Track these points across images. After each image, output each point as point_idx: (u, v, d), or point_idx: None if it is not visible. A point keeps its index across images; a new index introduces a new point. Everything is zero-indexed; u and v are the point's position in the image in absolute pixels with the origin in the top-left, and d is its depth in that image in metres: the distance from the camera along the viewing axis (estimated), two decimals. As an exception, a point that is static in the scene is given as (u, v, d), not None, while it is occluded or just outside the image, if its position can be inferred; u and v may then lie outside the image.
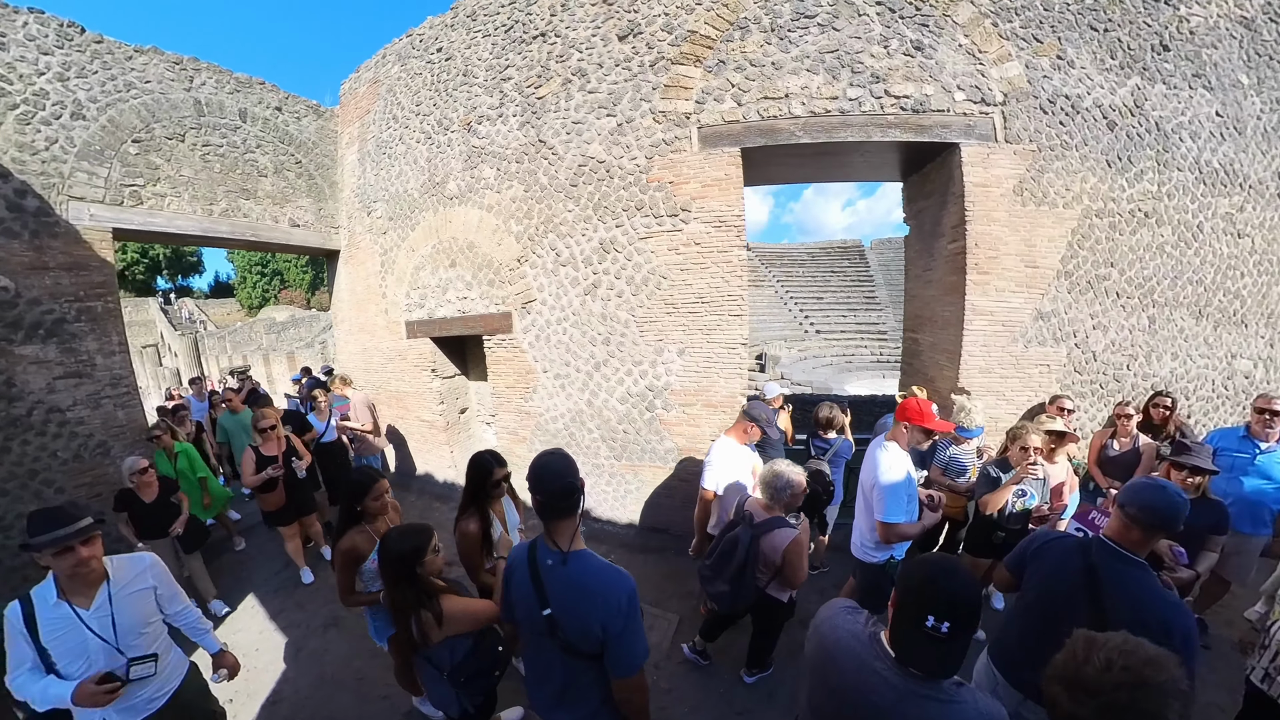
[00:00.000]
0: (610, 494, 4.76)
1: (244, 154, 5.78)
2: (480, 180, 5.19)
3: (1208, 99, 4.24)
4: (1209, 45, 4.19)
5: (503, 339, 5.07)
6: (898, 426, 2.61)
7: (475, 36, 5.24)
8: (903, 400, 2.97)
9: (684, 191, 3.98)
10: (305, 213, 6.57)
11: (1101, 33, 4.11)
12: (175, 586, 2.11)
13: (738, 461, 3.11)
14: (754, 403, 3.30)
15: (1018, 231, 3.95)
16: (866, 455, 2.76)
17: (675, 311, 4.05)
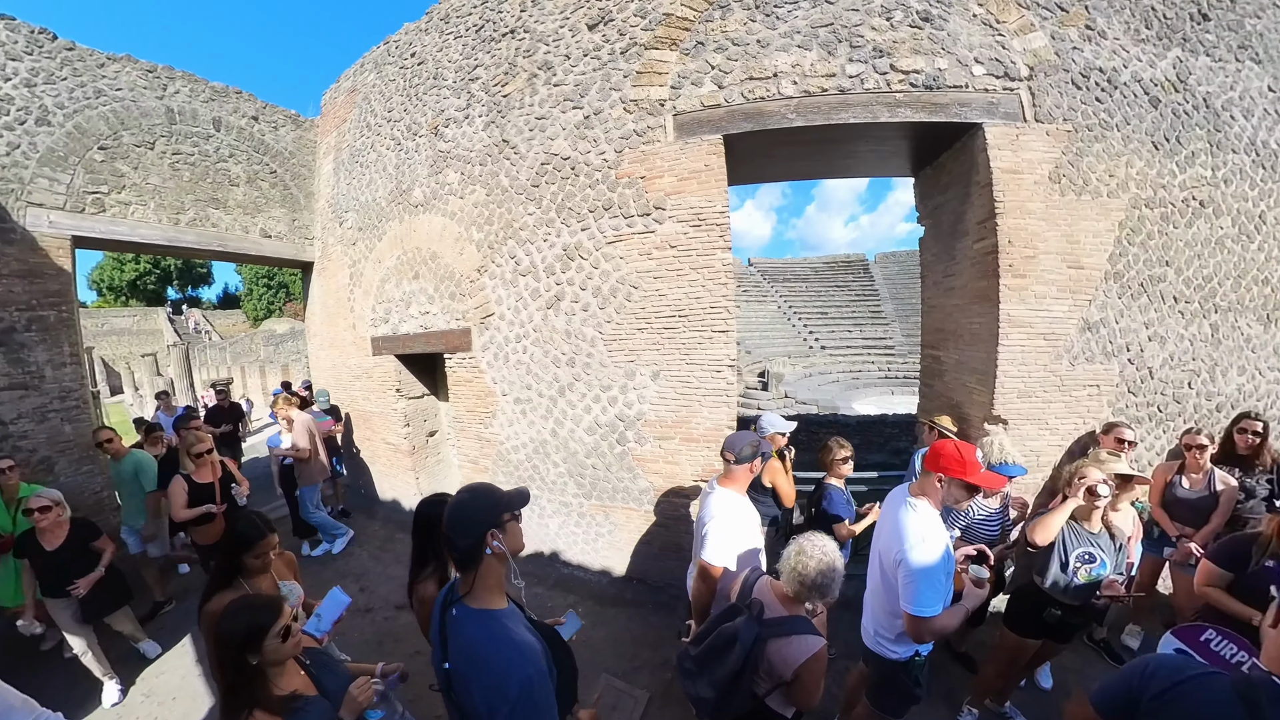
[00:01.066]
0: (580, 537, 4.00)
1: (216, 163, 5.54)
2: (445, 186, 4.63)
3: (1257, 72, 3.60)
4: (1251, 15, 3.60)
5: (462, 358, 4.41)
6: (928, 477, 1.82)
7: (447, 39, 4.79)
8: (933, 440, 2.20)
9: (657, 187, 3.31)
10: (278, 223, 6.17)
11: (1133, 0, 3.46)
12: None
13: (746, 521, 2.26)
14: (740, 434, 2.48)
15: (1057, 226, 3.18)
16: (885, 514, 1.98)
17: (648, 327, 3.33)
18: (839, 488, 2.84)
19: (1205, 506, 2.87)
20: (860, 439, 8.08)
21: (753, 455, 2.20)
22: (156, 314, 29.37)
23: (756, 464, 2.22)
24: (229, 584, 1.92)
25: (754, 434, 2.40)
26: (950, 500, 1.81)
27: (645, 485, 3.53)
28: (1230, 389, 3.60)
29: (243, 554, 1.92)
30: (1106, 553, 2.26)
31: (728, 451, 2.22)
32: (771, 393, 13.00)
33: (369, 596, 4.31)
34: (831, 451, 2.84)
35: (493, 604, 1.24)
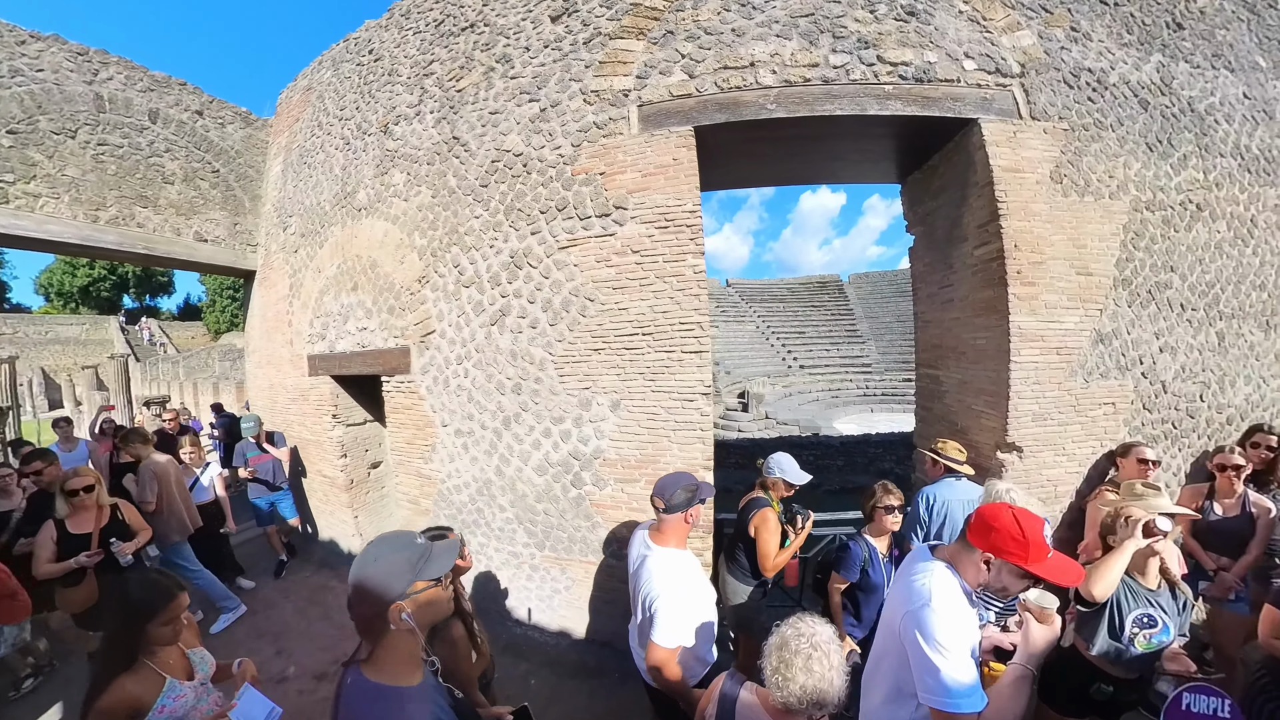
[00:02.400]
0: (533, 593, 3.29)
1: (149, 157, 4.91)
2: (389, 187, 4.03)
3: (1232, 80, 3.52)
4: (1220, 26, 3.55)
5: (401, 381, 3.73)
6: (968, 552, 1.27)
7: (406, 34, 4.32)
8: (937, 474, 1.68)
9: (619, 184, 2.77)
10: (217, 227, 5.50)
11: (1112, 7, 3.33)
12: None
13: (697, 590, 1.75)
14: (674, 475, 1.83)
15: (1063, 229, 2.79)
16: (899, 581, 1.42)
17: (606, 347, 2.73)
18: (873, 546, 2.14)
19: (1240, 532, 2.50)
20: (844, 460, 7.60)
21: (687, 502, 1.72)
22: (108, 323, 26.93)
23: (695, 513, 1.74)
24: (130, 663, 1.53)
25: (689, 475, 1.86)
26: (996, 586, 1.24)
27: (604, 535, 2.87)
28: (1239, 400, 3.34)
29: (146, 623, 1.56)
30: (1169, 614, 1.78)
31: (657, 497, 1.75)
32: (752, 414, 12.49)
33: (285, 661, 3.48)
34: (875, 497, 2.18)
35: (399, 678, 1.01)
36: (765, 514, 2.22)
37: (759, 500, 2.30)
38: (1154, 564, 1.77)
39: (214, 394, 12.53)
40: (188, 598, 1.65)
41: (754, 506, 2.28)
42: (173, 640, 1.63)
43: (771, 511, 2.24)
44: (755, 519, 2.23)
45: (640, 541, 1.82)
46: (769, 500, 2.28)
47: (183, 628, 1.65)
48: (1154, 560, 1.77)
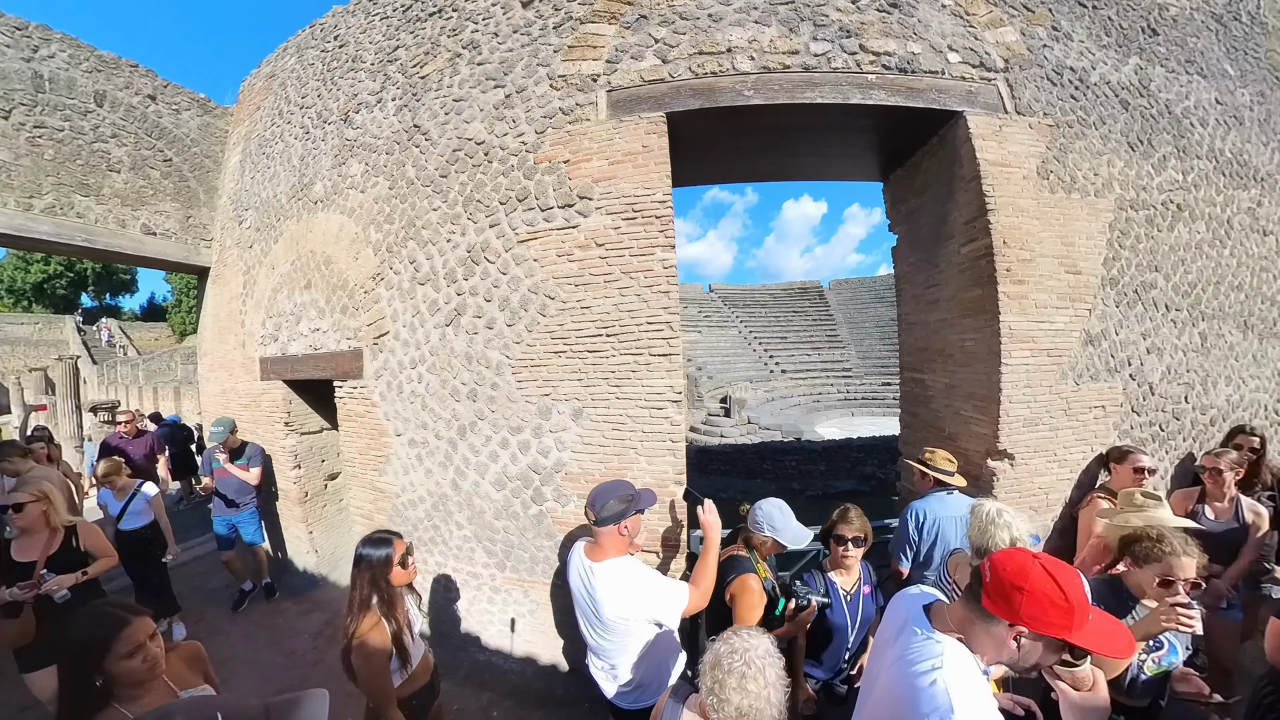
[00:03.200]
0: (495, 616, 2.98)
1: (92, 143, 4.48)
2: (347, 178, 3.71)
3: (1204, 85, 3.53)
4: (1191, 34, 3.57)
5: (354, 387, 3.39)
6: (983, 621, 0.97)
7: (373, 20, 4.03)
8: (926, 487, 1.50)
9: (583, 172, 2.51)
10: (168, 219, 5.06)
11: (1090, 9, 3.29)
12: None
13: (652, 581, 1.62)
14: (610, 484, 1.75)
15: (1051, 225, 2.65)
16: (895, 663, 1.04)
17: (567, 350, 2.45)
18: (832, 583, 1.83)
19: (1234, 540, 2.38)
20: (826, 465, 7.42)
21: (620, 514, 1.61)
22: (63, 323, 25.07)
23: (634, 523, 1.62)
24: (93, 713, 1.25)
25: (625, 484, 1.73)
26: (1024, 663, 0.96)
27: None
28: (1220, 400, 3.29)
29: (101, 663, 1.27)
30: (1174, 633, 1.59)
31: (589, 508, 1.65)
32: (734, 419, 12.30)
33: (225, 689, 3.07)
34: (836, 526, 1.87)
35: None
36: (746, 581, 1.73)
37: (739, 561, 1.82)
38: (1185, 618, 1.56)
39: (175, 399, 11.78)
40: (150, 623, 1.35)
41: (732, 569, 1.80)
42: (149, 676, 1.33)
43: (755, 578, 1.74)
44: (733, 585, 1.75)
45: (579, 567, 1.65)
46: (752, 562, 1.81)
47: (158, 658, 1.35)
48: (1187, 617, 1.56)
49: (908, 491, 3.51)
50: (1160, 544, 1.55)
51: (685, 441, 2.35)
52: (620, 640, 1.62)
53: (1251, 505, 2.41)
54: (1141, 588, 1.61)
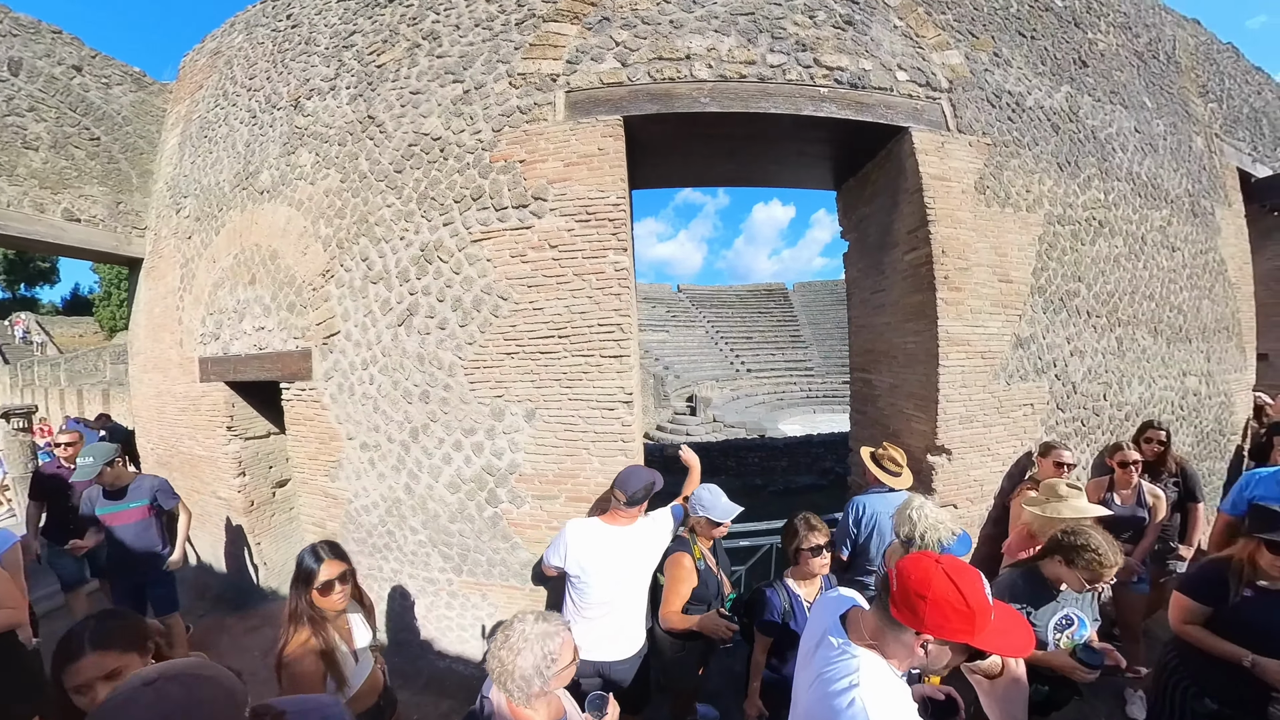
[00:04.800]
0: (453, 622, 2.87)
1: (5, 116, 3.97)
2: (296, 169, 3.48)
3: (1125, 115, 3.85)
4: (1116, 68, 3.88)
5: (301, 389, 3.17)
6: (892, 630, 0.97)
7: (329, 1, 3.73)
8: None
9: (539, 173, 2.44)
10: (94, 205, 4.57)
11: (1029, 39, 3.50)
12: None
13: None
14: (636, 470, 1.99)
15: (986, 237, 2.79)
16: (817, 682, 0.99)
17: (519, 351, 2.39)
18: (795, 594, 1.72)
19: (1138, 521, 2.62)
20: (788, 461, 7.60)
21: (645, 496, 1.89)
22: None
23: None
24: None
25: (650, 471, 1.95)
26: (933, 666, 0.98)
27: (527, 558, 2.51)
28: (1134, 398, 3.57)
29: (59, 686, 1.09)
30: (1084, 608, 1.75)
31: (618, 489, 1.90)
32: (700, 417, 12.43)
33: None
34: (798, 536, 1.73)
35: None
36: (679, 558, 1.83)
37: (681, 542, 1.93)
38: (1072, 577, 1.67)
39: (103, 403, 10.71)
40: (110, 660, 1.12)
41: (673, 547, 1.93)
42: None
43: (687, 557, 1.84)
44: (668, 563, 1.86)
45: (601, 536, 1.88)
46: (690, 543, 1.89)
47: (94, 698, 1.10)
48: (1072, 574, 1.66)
49: (857, 486, 3.63)
50: (1100, 557, 1.60)
51: (640, 441, 2.32)
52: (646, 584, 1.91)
53: (1151, 490, 2.62)
54: (1061, 579, 1.71)
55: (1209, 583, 1.71)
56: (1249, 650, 1.55)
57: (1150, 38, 4.36)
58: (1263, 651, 1.53)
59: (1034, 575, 1.81)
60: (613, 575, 1.84)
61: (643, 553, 1.91)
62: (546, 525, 2.39)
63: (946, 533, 1.77)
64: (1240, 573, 1.65)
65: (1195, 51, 4.91)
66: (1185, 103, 4.52)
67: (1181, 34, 4.80)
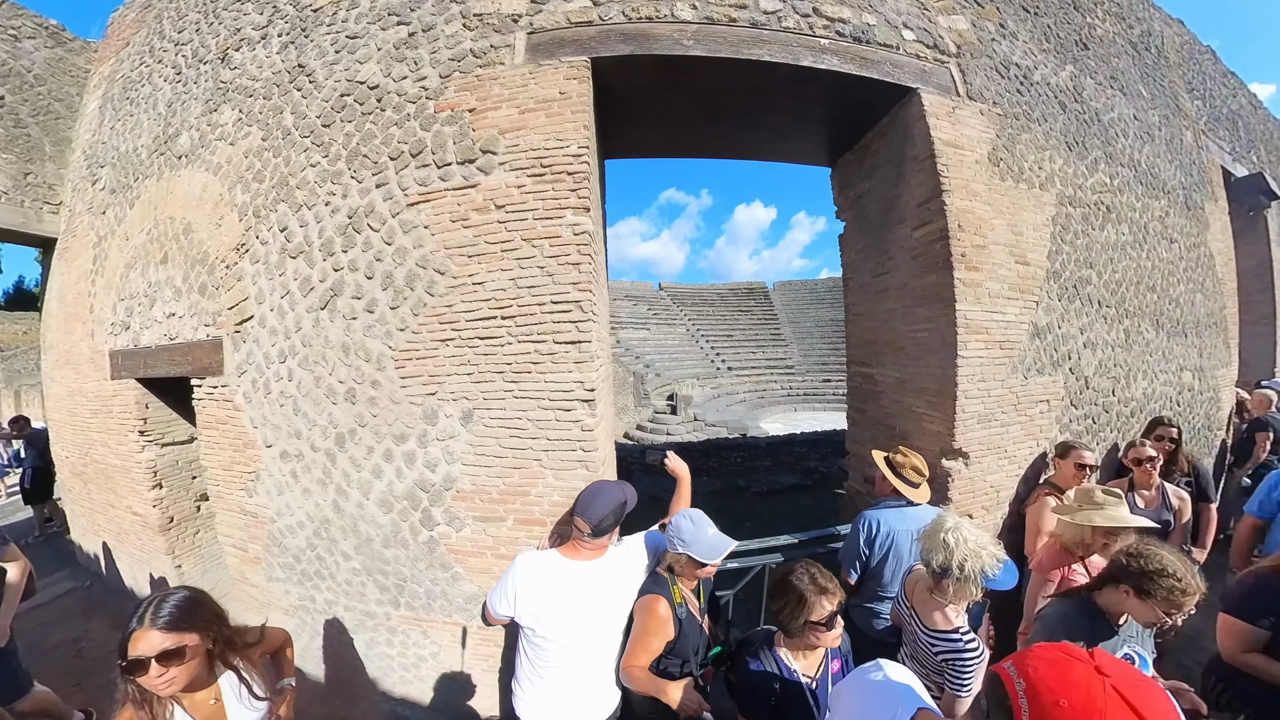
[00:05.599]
0: (396, 660, 2.36)
1: None
2: (216, 128, 2.92)
3: (1124, 101, 3.59)
4: (1114, 55, 3.63)
5: (213, 385, 2.61)
6: None
7: None
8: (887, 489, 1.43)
9: (490, 122, 1.95)
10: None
11: (1033, 15, 3.19)
12: None
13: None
14: (603, 487, 1.52)
15: (1002, 214, 2.44)
16: None
17: (456, 337, 1.89)
18: (789, 668, 1.25)
19: (1163, 524, 2.32)
20: (771, 460, 7.22)
21: (615, 524, 1.46)
22: None
23: None
24: None
25: (616, 489, 1.49)
26: None
27: (472, 590, 2.01)
28: (1138, 393, 3.29)
29: None
30: (1144, 643, 1.42)
31: (580, 517, 1.44)
32: (681, 416, 11.98)
33: None
34: (805, 605, 1.19)
35: None
36: (652, 604, 1.37)
37: (657, 582, 1.46)
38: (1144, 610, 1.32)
39: (42, 405, 9.65)
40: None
41: (649, 589, 1.45)
42: None
43: (663, 602, 1.38)
44: (638, 606, 1.41)
45: (559, 573, 1.42)
46: (668, 584, 1.43)
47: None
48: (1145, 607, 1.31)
49: (854, 492, 3.25)
50: (1183, 584, 1.24)
51: (609, 449, 1.85)
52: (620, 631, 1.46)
53: (1176, 492, 2.41)
54: (1121, 609, 1.37)
55: (1264, 600, 1.42)
56: None
57: (1142, 30, 4.16)
58: None
59: (1089, 607, 1.45)
60: (577, 625, 1.39)
61: (616, 593, 1.46)
62: (493, 553, 1.90)
63: (991, 561, 1.37)
64: None
65: (1181, 49, 4.76)
66: (1175, 96, 4.33)
67: (1169, 31, 4.64)
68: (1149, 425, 2.85)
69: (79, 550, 4.07)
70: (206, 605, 1.10)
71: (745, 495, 5.66)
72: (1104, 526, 1.75)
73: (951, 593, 1.39)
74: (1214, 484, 2.84)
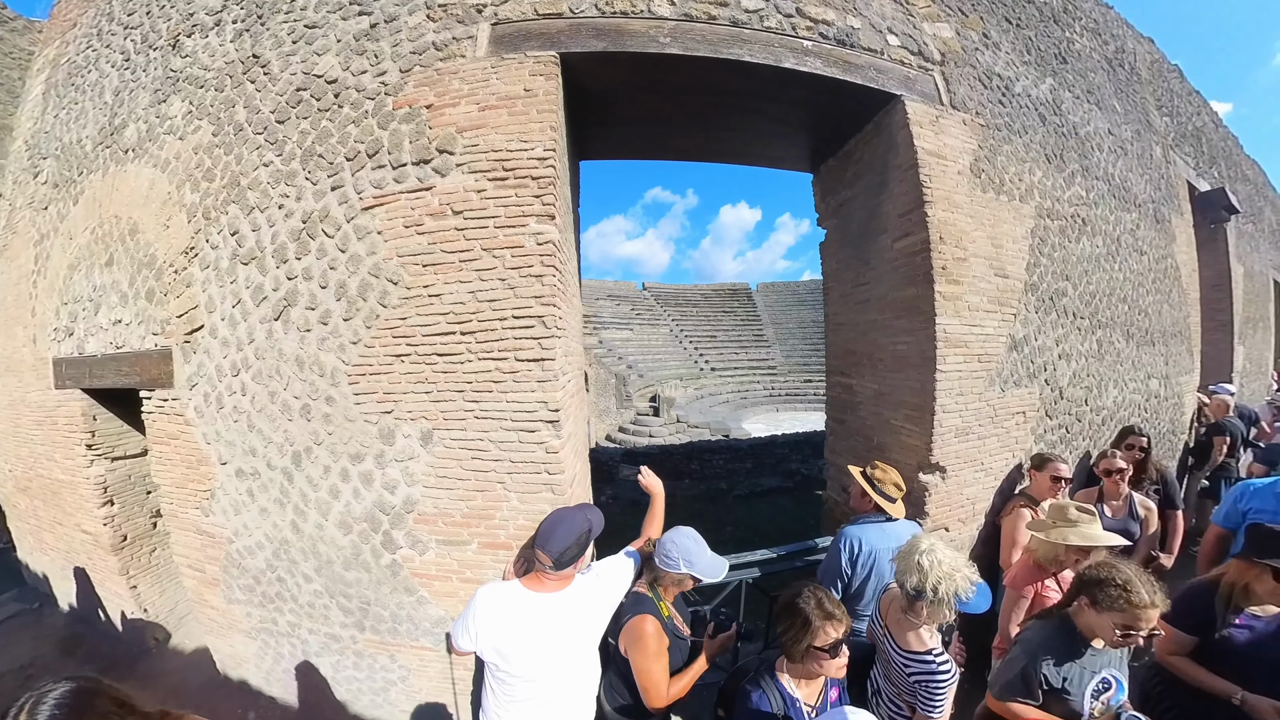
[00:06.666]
0: (364, 684, 2.22)
1: None
2: (165, 121, 2.69)
3: (1100, 116, 3.61)
4: (1090, 70, 3.65)
5: (164, 398, 2.41)
6: None
7: None
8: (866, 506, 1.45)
9: (447, 120, 1.79)
10: None
11: (1015, 27, 3.16)
12: None
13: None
14: (565, 516, 1.39)
15: (983, 225, 2.39)
16: None
17: (412, 352, 1.74)
18: (791, 696, 1.17)
19: (1130, 534, 2.35)
20: (753, 462, 7.18)
21: (580, 553, 1.32)
22: None
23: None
24: None
25: (578, 515, 1.37)
26: None
27: (439, 614, 1.88)
28: (1109, 402, 3.33)
29: None
30: (1119, 667, 1.39)
31: (541, 550, 1.30)
32: (663, 417, 11.87)
33: None
34: (809, 629, 1.13)
35: None
36: (641, 625, 1.29)
37: (640, 601, 1.38)
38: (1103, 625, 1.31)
39: None
40: None
41: (630, 610, 1.37)
42: None
43: (652, 620, 1.31)
44: (626, 632, 1.31)
45: (521, 606, 1.29)
46: (654, 601, 1.37)
47: None
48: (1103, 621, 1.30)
49: (833, 501, 3.20)
50: (1129, 594, 1.25)
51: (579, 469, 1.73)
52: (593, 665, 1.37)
53: (1143, 502, 2.43)
54: (1093, 630, 1.34)
55: (1194, 609, 1.49)
56: (1238, 685, 1.35)
57: (1116, 47, 4.20)
58: (1252, 686, 1.33)
59: (1067, 628, 1.41)
60: (542, 660, 1.28)
61: (584, 625, 1.34)
62: (459, 577, 1.77)
63: (965, 584, 1.33)
64: (1229, 599, 1.43)
65: (1151, 66, 4.84)
66: (1146, 112, 4.39)
67: (1140, 49, 4.70)
68: (1119, 434, 2.86)
69: (26, 569, 3.79)
70: (102, 698, 0.81)
71: (727, 499, 5.60)
72: (1075, 544, 1.72)
73: (925, 615, 1.36)
74: (1179, 491, 2.88)
